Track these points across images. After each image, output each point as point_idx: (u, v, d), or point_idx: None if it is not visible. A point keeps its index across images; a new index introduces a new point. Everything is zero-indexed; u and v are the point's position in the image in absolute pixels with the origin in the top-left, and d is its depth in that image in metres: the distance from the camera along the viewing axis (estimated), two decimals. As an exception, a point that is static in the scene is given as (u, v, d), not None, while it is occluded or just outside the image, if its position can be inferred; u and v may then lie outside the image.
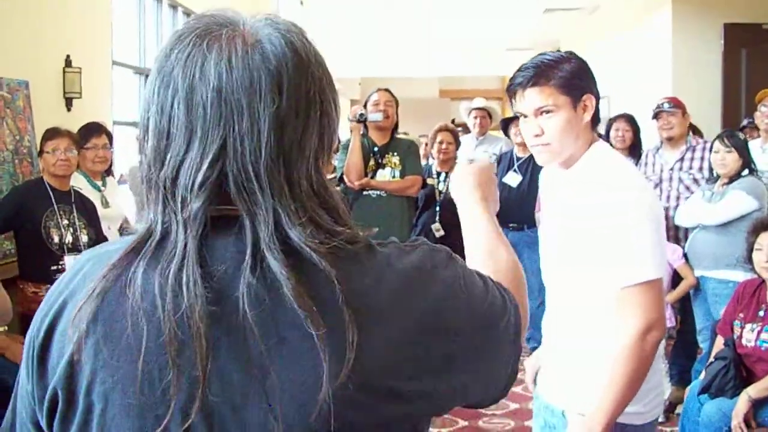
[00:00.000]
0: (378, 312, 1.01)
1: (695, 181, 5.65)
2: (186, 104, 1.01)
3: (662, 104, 5.83)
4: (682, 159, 5.74)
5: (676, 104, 5.82)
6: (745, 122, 7.19)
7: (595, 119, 2.41)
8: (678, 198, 5.66)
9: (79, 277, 1.10)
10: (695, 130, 6.36)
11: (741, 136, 5.48)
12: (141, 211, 6.68)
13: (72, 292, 1.08)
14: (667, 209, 5.46)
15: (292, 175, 1.02)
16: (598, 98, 2.41)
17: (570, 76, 2.32)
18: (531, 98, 2.35)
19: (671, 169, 5.76)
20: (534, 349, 4.21)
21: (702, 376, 4.15)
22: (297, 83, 1.03)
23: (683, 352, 5.57)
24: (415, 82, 24.19)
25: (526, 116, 2.39)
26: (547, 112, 2.34)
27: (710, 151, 5.30)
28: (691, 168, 5.70)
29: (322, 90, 1.07)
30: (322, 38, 19.94)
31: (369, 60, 20.06)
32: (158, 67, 1.06)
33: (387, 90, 5.93)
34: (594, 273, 2.31)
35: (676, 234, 5.56)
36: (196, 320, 0.95)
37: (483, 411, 4.85)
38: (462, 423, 4.98)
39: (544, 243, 2.58)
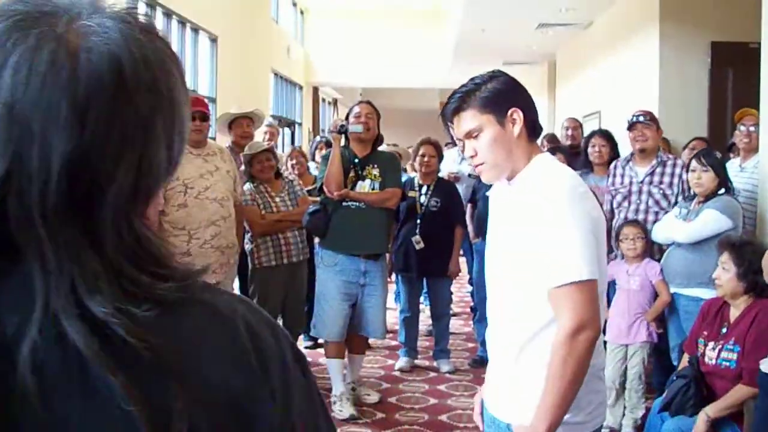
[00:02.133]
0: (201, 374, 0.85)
1: (665, 196, 5.69)
2: None
3: (638, 116, 5.88)
4: (652, 173, 5.77)
5: (651, 118, 5.88)
6: (733, 140, 7.22)
7: (531, 131, 2.47)
8: (647, 212, 5.70)
9: None
10: (668, 147, 6.40)
11: (718, 155, 5.51)
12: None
13: None
14: (633, 222, 5.50)
15: (94, 227, 0.83)
16: (531, 111, 2.47)
17: (491, 95, 2.42)
18: (458, 124, 2.48)
19: (641, 182, 5.79)
20: None
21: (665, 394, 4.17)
22: (109, 116, 0.82)
23: (662, 369, 5.59)
24: (416, 93, 24.29)
25: (461, 141, 2.51)
26: (474, 134, 2.43)
27: (681, 168, 5.33)
28: (661, 183, 5.73)
29: (147, 123, 0.86)
30: (323, 48, 20.08)
31: (370, 70, 20.10)
32: None
33: (369, 102, 5.97)
34: (527, 280, 2.35)
35: (656, 250, 5.57)
36: None
37: (454, 424, 4.85)
38: None
39: (487, 258, 2.61)
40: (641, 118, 5.84)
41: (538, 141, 2.63)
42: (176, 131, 0.91)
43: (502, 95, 2.43)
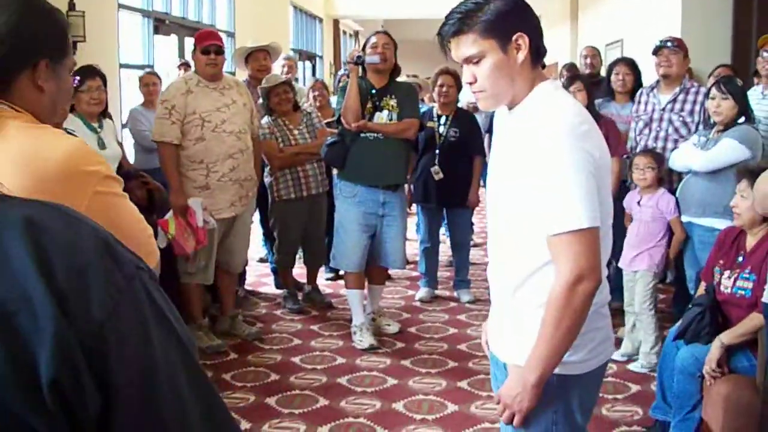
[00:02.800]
0: None
1: (685, 123, 5.63)
2: None
3: (665, 41, 5.77)
4: (674, 100, 5.70)
5: (679, 44, 5.77)
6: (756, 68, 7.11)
7: (536, 57, 2.29)
8: (666, 139, 5.65)
9: None
10: (692, 75, 6.31)
11: (739, 82, 5.42)
12: (140, 153, 6.75)
13: None
14: (646, 151, 5.46)
15: None
16: (537, 35, 2.28)
17: (494, 18, 2.21)
18: (456, 48, 2.28)
19: (662, 109, 5.72)
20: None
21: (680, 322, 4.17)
22: None
23: (681, 299, 5.59)
24: (437, 24, 23.96)
25: (461, 65, 2.34)
26: (475, 60, 2.25)
27: (705, 96, 5.26)
28: (682, 110, 5.66)
29: None
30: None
31: (391, 1, 19.82)
32: None
33: (386, 33, 5.92)
34: (526, 219, 2.24)
35: (674, 179, 5.54)
36: None
37: (476, 394, 4.86)
38: (452, 408, 5.00)
39: (488, 188, 2.51)
40: (668, 44, 5.74)
41: (558, 69, 2.51)
42: None
43: (507, 18, 2.22)
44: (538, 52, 2.28)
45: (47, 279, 0.79)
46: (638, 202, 5.24)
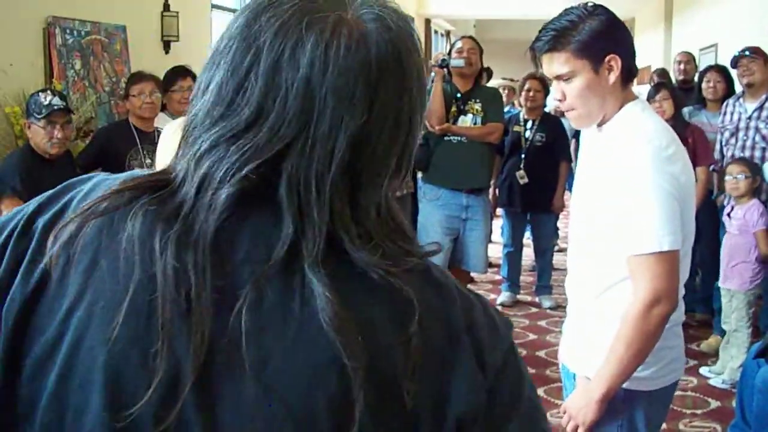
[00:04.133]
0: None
1: None
2: (265, 81, 0.88)
3: (743, 51, 5.69)
4: (761, 108, 5.58)
5: (756, 51, 5.67)
6: None
7: (627, 77, 2.29)
8: (753, 147, 5.55)
9: (86, 189, 0.99)
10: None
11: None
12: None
13: (70, 200, 0.98)
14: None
15: (358, 198, 0.91)
16: (629, 56, 2.29)
17: (589, 38, 2.22)
18: (548, 64, 2.29)
19: (749, 117, 5.61)
20: None
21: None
22: (392, 100, 0.91)
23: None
24: (531, 24, 23.80)
25: (551, 80, 2.36)
26: (565, 78, 2.27)
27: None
28: None
29: (414, 110, 0.94)
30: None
31: (485, 1, 19.69)
32: (243, 23, 0.92)
33: (471, 37, 5.98)
34: (607, 236, 2.25)
35: (764, 189, 5.41)
36: (199, 310, 0.85)
37: (552, 402, 4.86)
38: None
39: (572, 201, 2.54)
40: (746, 53, 5.66)
41: (650, 74, 2.50)
42: (423, 113, 0.99)
43: (601, 38, 2.23)
44: (630, 72, 2.29)
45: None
46: (728, 214, 5.14)
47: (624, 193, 2.18)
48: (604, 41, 2.24)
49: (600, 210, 2.29)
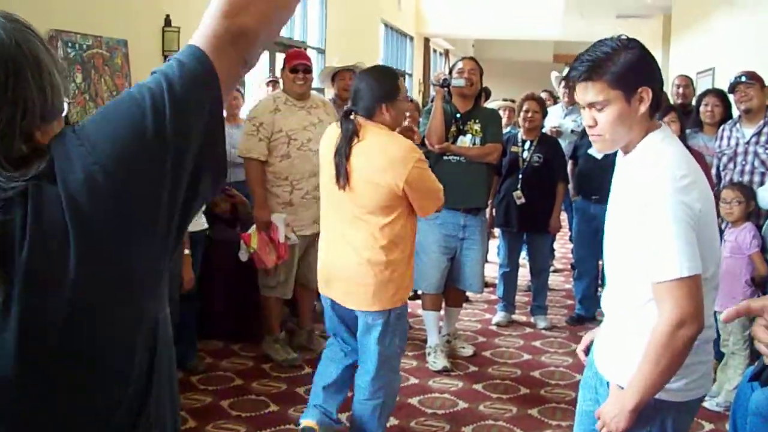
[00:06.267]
0: None
1: None
2: None
3: (739, 77, 5.74)
4: (759, 133, 5.62)
5: (753, 77, 5.71)
6: None
7: (655, 108, 2.44)
8: (752, 173, 5.57)
9: None
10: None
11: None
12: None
13: None
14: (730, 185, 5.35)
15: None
16: (659, 86, 2.44)
17: (623, 70, 2.37)
18: (583, 92, 2.44)
19: (747, 142, 5.65)
20: None
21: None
22: None
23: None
24: (529, 45, 23.89)
25: (583, 107, 2.50)
26: (598, 107, 2.42)
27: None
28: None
29: (18, 72, 1.28)
30: (434, -2, 19.85)
31: (482, 21, 19.80)
32: None
33: (472, 59, 6.01)
34: (634, 260, 2.40)
35: (758, 214, 5.43)
36: None
37: (546, 422, 4.86)
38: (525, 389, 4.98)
39: (606, 221, 2.67)
40: (743, 78, 5.71)
41: None
42: (45, 81, 1.31)
43: (635, 71, 2.39)
44: (658, 103, 2.45)
45: None
46: (723, 238, 5.15)
47: (642, 222, 2.33)
48: (638, 74, 2.41)
49: (625, 236, 2.46)
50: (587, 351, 2.90)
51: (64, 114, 1.37)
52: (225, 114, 7.06)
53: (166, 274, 1.40)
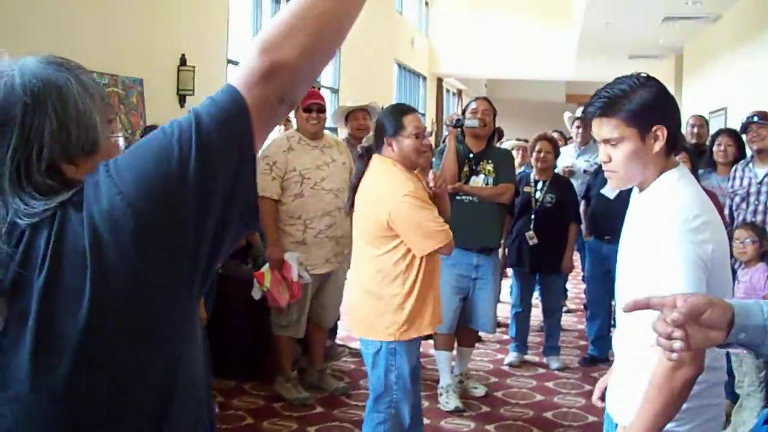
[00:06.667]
0: None
1: None
2: None
3: (751, 117, 5.76)
4: None
5: (765, 117, 5.73)
6: None
7: (671, 146, 2.44)
8: (765, 213, 5.57)
9: None
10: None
11: None
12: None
13: None
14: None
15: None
16: (675, 127, 2.44)
17: (640, 108, 2.38)
18: (599, 128, 2.46)
19: (759, 182, 5.65)
20: None
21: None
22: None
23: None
24: (542, 85, 24.03)
25: (599, 142, 2.51)
26: (613, 143, 2.43)
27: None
28: None
29: (37, 110, 1.36)
30: (448, 39, 20.05)
31: (495, 61, 19.95)
32: None
33: (486, 99, 6.04)
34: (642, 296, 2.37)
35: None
36: None
37: (558, 422, 4.83)
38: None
39: (618, 258, 2.66)
40: (755, 119, 5.73)
41: None
42: (70, 119, 1.38)
43: (651, 109, 2.40)
44: (674, 142, 2.45)
45: None
46: (737, 278, 5.13)
47: (652, 262, 2.32)
48: (653, 112, 2.41)
49: (634, 274, 2.46)
50: (603, 397, 2.87)
51: (121, 147, 1.45)
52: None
53: (192, 315, 1.41)
